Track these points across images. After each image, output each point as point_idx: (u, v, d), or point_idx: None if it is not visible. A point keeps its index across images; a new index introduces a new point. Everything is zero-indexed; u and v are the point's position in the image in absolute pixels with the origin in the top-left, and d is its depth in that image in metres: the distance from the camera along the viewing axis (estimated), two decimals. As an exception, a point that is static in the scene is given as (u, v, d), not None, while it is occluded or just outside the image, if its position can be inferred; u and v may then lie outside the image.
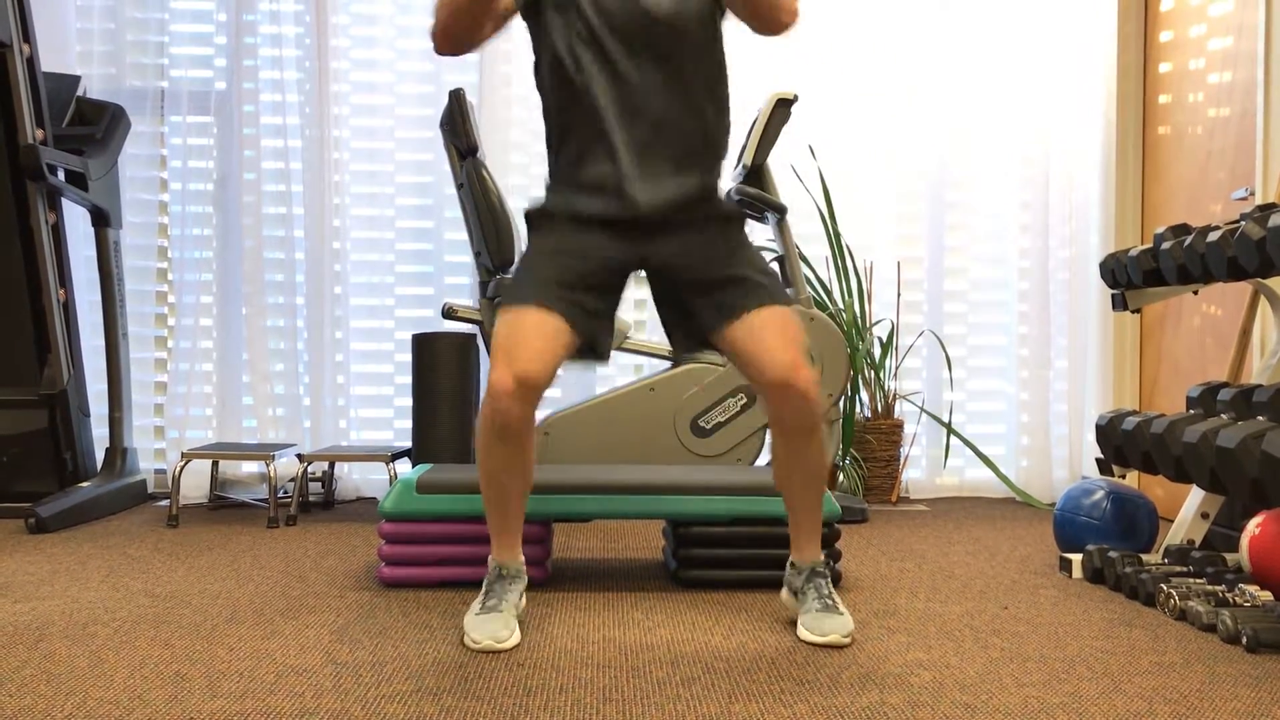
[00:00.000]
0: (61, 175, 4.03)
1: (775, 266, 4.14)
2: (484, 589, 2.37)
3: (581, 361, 2.40)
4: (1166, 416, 2.89)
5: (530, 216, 2.39)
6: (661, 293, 2.42)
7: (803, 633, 2.31)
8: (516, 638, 2.27)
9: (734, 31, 2.52)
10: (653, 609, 2.59)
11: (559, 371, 2.33)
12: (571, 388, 4.56)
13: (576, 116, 2.32)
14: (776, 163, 4.57)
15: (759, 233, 4.59)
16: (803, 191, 4.61)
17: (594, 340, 2.35)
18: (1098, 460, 3.27)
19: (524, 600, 2.43)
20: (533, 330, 2.24)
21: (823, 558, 2.44)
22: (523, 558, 2.43)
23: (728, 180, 4.39)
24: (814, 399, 2.29)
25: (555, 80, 2.35)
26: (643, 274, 2.42)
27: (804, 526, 2.42)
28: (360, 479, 4.54)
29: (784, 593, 2.49)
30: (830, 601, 2.35)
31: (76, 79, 4.35)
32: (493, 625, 2.25)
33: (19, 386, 4.03)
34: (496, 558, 2.38)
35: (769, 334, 2.28)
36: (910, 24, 4.67)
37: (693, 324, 2.38)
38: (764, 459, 4.33)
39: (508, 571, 2.38)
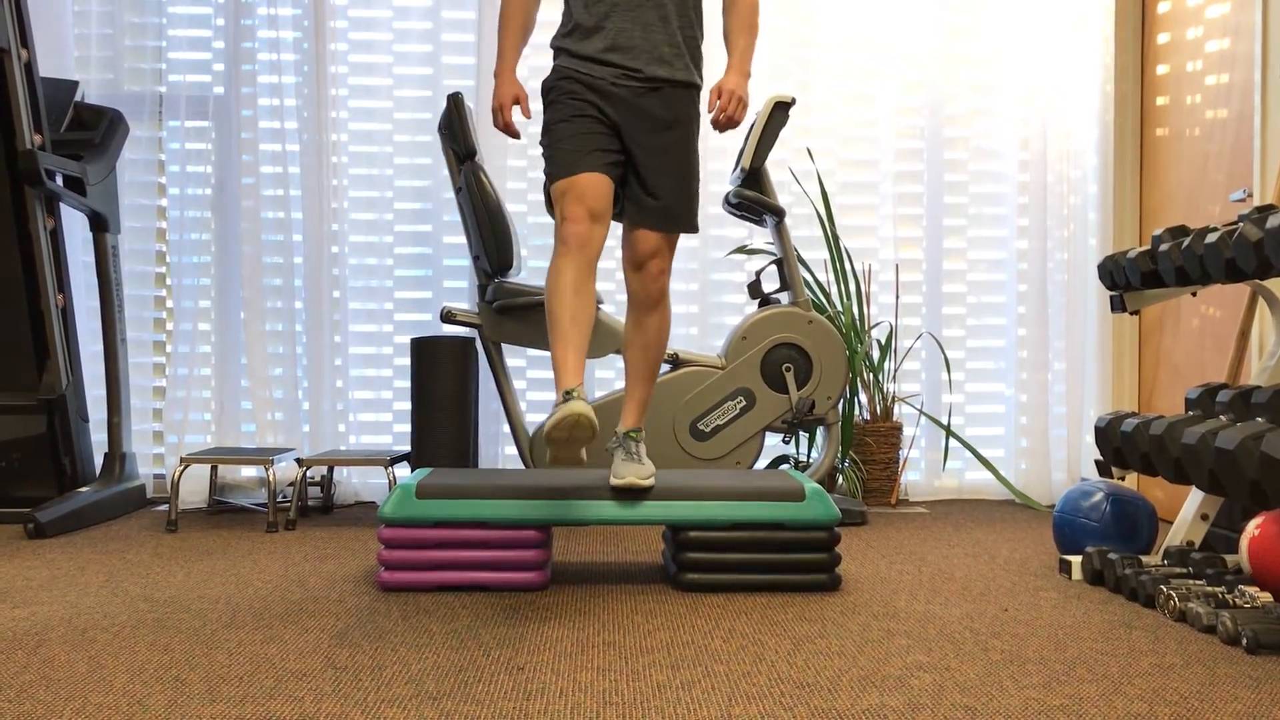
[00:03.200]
0: (60, 180, 4.03)
1: (774, 269, 4.14)
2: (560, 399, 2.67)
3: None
4: (1165, 418, 2.89)
5: (544, 90, 2.91)
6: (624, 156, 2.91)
7: (610, 477, 2.83)
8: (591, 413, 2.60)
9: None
10: (652, 613, 2.59)
11: (611, 206, 2.84)
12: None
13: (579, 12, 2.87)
14: (774, 166, 4.57)
15: (758, 235, 4.59)
16: (801, 194, 4.61)
17: (616, 191, 2.88)
18: (1097, 462, 3.27)
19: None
20: (590, 182, 2.79)
21: (640, 425, 2.93)
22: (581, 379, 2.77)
23: (725, 184, 4.40)
24: (660, 280, 2.89)
25: None
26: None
27: (634, 394, 2.95)
28: (359, 483, 4.54)
29: (611, 442, 2.95)
30: (636, 456, 2.86)
31: (74, 84, 4.34)
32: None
33: (18, 392, 4.03)
34: (568, 381, 2.64)
35: (649, 241, 2.89)
36: (908, 25, 4.68)
37: (624, 195, 2.92)
38: (762, 463, 4.33)
39: (577, 392, 2.62)
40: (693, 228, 2.94)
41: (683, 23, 2.90)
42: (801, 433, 4.30)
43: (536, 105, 3.03)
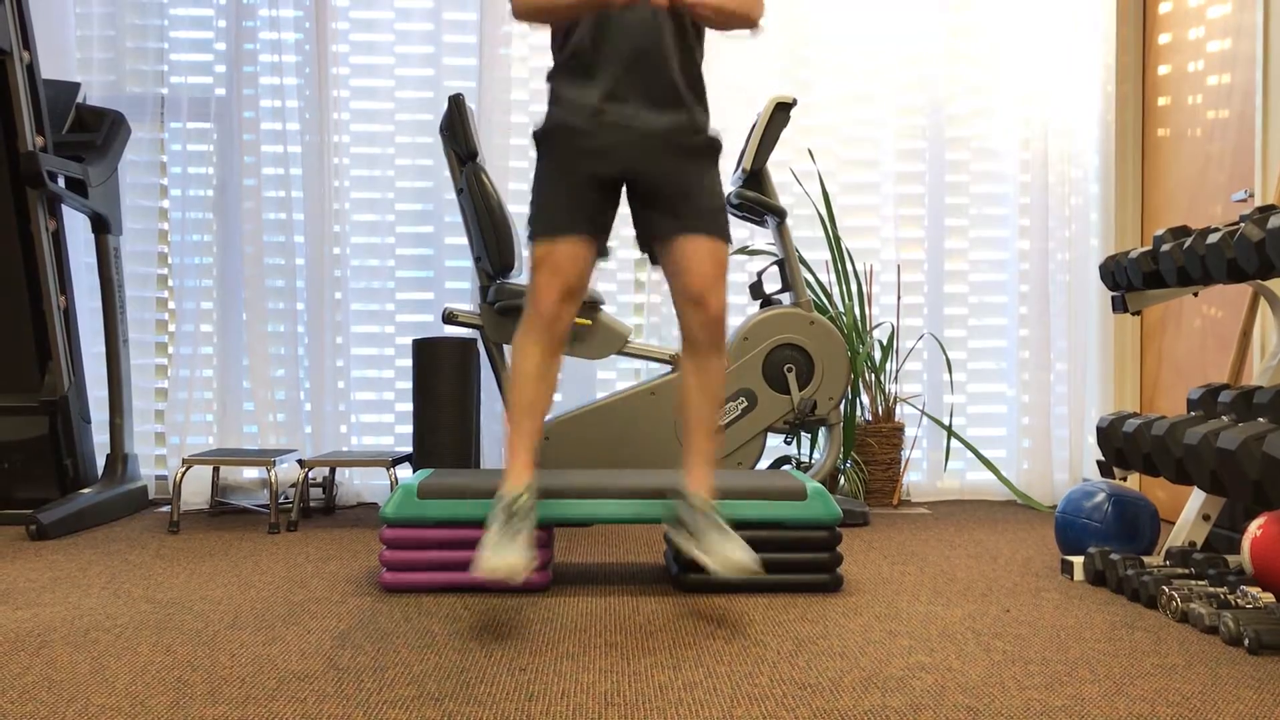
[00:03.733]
0: (62, 182, 4.03)
1: (775, 269, 4.14)
2: (504, 518, 2.48)
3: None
4: (1167, 418, 2.89)
5: (536, 139, 2.69)
6: (634, 200, 2.70)
7: (706, 561, 2.48)
8: (533, 562, 2.41)
9: (733, 37, 2.61)
10: (654, 613, 2.59)
11: (589, 278, 2.65)
12: (572, 392, 4.56)
13: (577, 39, 2.62)
14: (775, 167, 4.57)
15: (759, 236, 4.59)
16: (802, 195, 4.61)
17: (603, 244, 2.69)
18: (1099, 462, 3.27)
19: (534, 518, 2.60)
20: (569, 252, 2.59)
21: (712, 498, 2.62)
22: (530, 476, 2.58)
23: (726, 185, 4.40)
24: (719, 317, 2.60)
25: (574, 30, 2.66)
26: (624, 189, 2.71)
27: (699, 451, 2.65)
28: (361, 484, 4.54)
29: (669, 529, 2.64)
30: (726, 527, 2.54)
31: (76, 86, 4.35)
32: (514, 556, 2.38)
33: (20, 393, 4.04)
34: (519, 480, 2.54)
35: (697, 256, 2.60)
36: (909, 25, 4.68)
37: (648, 229, 2.68)
38: (765, 462, 4.33)
39: (526, 499, 2.53)
40: (730, 237, 2.68)
41: (684, 61, 2.65)
42: (803, 433, 4.29)
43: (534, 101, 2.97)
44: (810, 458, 4.48)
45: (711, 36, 4.58)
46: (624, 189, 2.69)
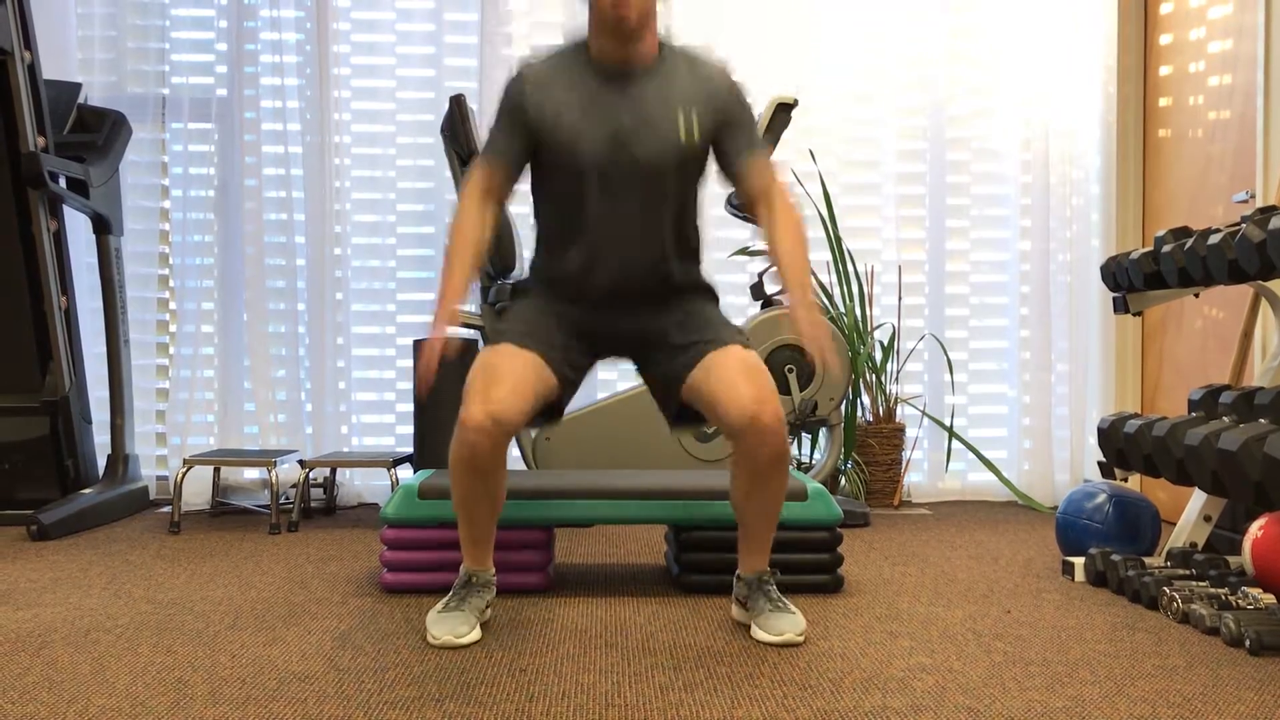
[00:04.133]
0: (63, 182, 4.04)
1: (776, 271, 4.13)
2: (455, 589, 2.43)
3: (540, 420, 2.48)
4: (1168, 419, 2.89)
5: (514, 289, 2.48)
6: (640, 364, 2.52)
7: (757, 634, 2.34)
8: (476, 635, 2.33)
9: (735, 36, 2.56)
10: (655, 614, 2.59)
11: (531, 413, 2.34)
12: (573, 393, 4.55)
13: (562, 234, 2.44)
14: (776, 166, 4.57)
15: (760, 237, 4.59)
16: (803, 195, 4.61)
17: (561, 399, 2.46)
18: (1100, 463, 3.27)
19: (489, 611, 2.47)
20: (510, 368, 2.31)
21: (767, 568, 2.46)
22: (493, 568, 2.47)
23: (728, 186, 4.39)
24: (782, 432, 2.27)
25: (549, 204, 2.48)
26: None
27: (757, 542, 2.43)
28: (362, 485, 4.54)
29: (734, 607, 2.51)
30: (781, 603, 2.38)
31: (77, 86, 4.35)
32: (451, 622, 2.31)
33: (21, 393, 4.04)
34: (466, 565, 2.45)
35: (729, 372, 2.30)
36: (910, 25, 4.67)
37: (665, 384, 2.44)
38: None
39: (477, 580, 2.44)
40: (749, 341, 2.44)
41: (679, 247, 2.45)
42: (804, 434, 4.29)
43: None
44: (811, 458, 4.47)
45: (711, 34, 4.59)
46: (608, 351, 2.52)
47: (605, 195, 2.36)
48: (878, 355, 4.57)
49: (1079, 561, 3.04)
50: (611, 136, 2.34)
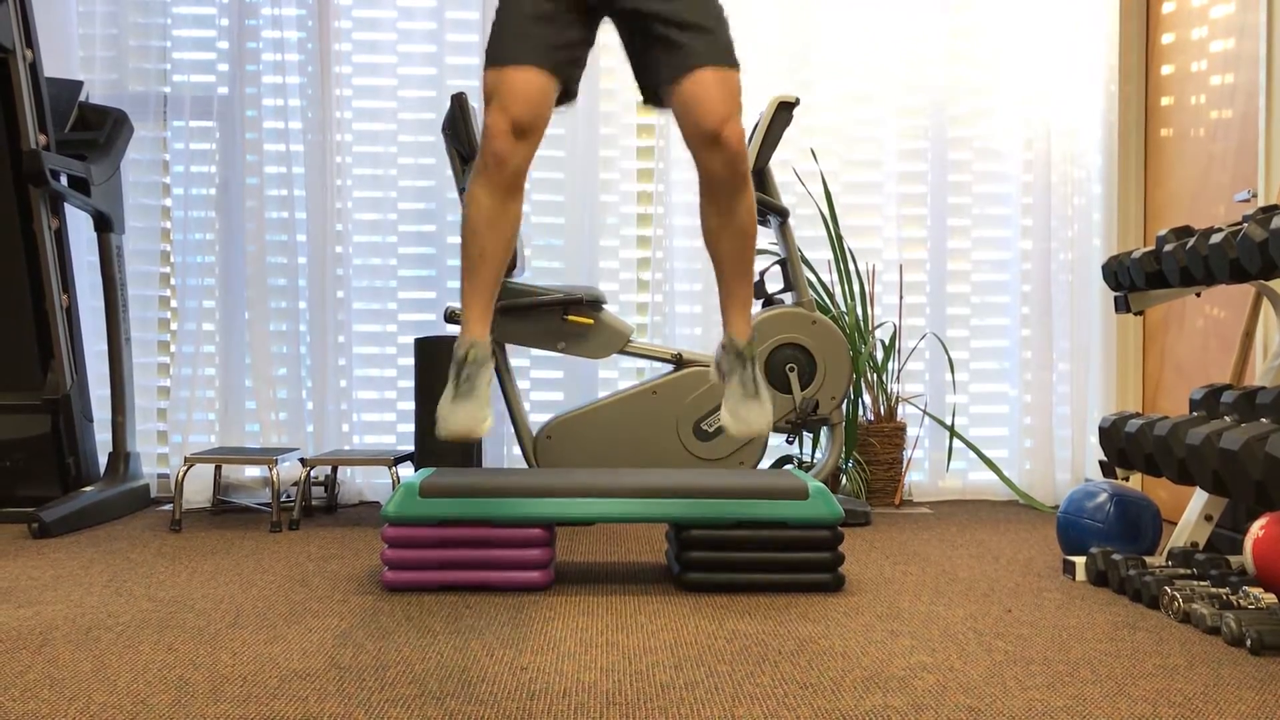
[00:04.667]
0: (64, 180, 4.04)
1: (777, 269, 4.14)
2: (455, 373, 2.34)
3: (557, 105, 2.45)
4: (1170, 419, 2.89)
5: None
6: (628, 38, 2.45)
7: (724, 418, 2.38)
8: (491, 422, 2.29)
9: (736, 35, 2.51)
10: (656, 613, 2.59)
11: (548, 119, 2.36)
12: (574, 391, 4.56)
13: None
14: (778, 166, 4.57)
15: (762, 236, 4.58)
16: (805, 195, 4.61)
17: (570, 82, 2.41)
18: (1101, 463, 3.27)
19: (491, 375, 2.42)
20: (520, 83, 2.31)
21: (750, 338, 2.47)
22: (488, 335, 2.40)
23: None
24: (740, 152, 2.32)
25: None
26: (608, 21, 2.46)
27: (735, 293, 2.46)
28: (363, 483, 4.54)
29: (712, 370, 2.53)
30: (753, 388, 2.40)
31: (79, 84, 4.35)
32: (469, 409, 2.26)
33: (22, 391, 4.04)
34: (469, 334, 2.38)
35: (705, 90, 2.31)
36: (912, 25, 4.67)
37: (648, 75, 2.42)
38: (767, 461, 4.33)
39: (475, 353, 2.35)
40: (738, 62, 2.39)
41: None
42: (805, 433, 4.29)
43: None
44: (812, 457, 4.47)
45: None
46: (607, 20, 2.46)
47: None
48: (879, 354, 4.57)
49: (1080, 561, 3.04)
50: None
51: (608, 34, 2.50)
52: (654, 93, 2.45)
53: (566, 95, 2.44)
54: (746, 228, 2.41)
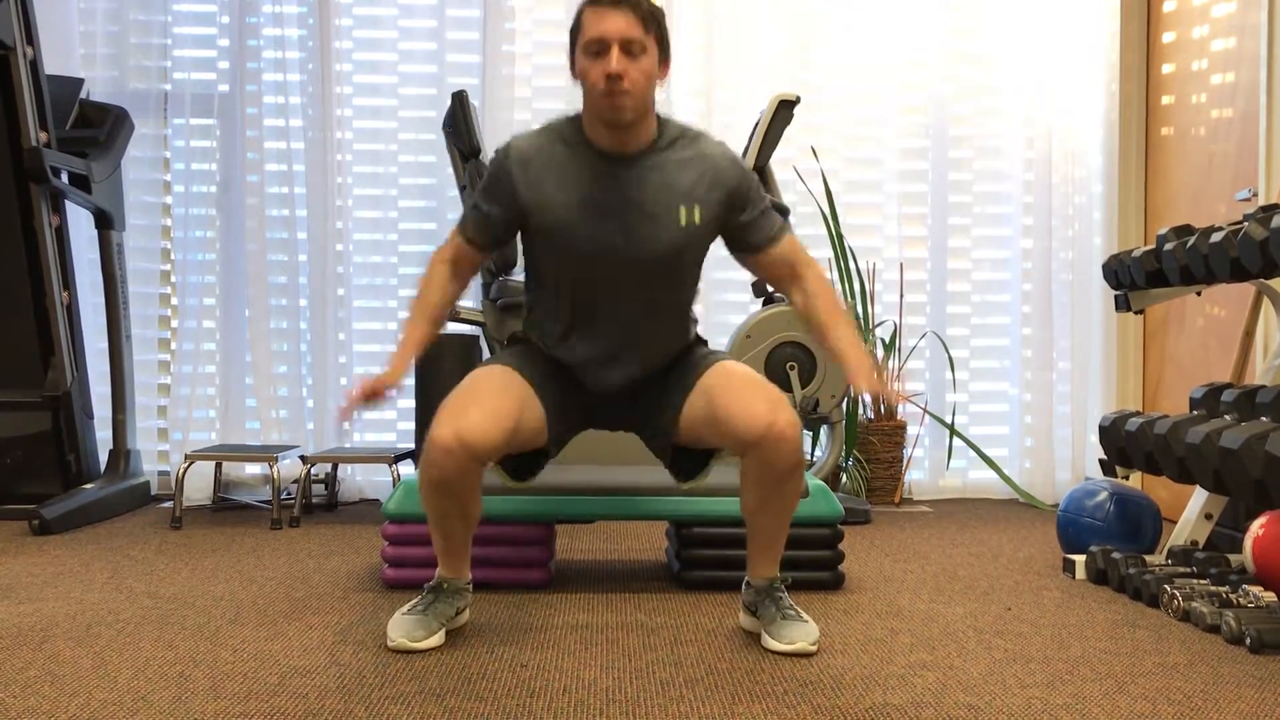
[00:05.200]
0: (65, 178, 4.04)
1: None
2: (422, 594, 2.35)
3: (521, 470, 2.38)
4: (1170, 417, 2.89)
5: (513, 338, 2.46)
6: (639, 424, 2.45)
7: (768, 643, 2.23)
8: (434, 641, 2.23)
9: (738, 33, 2.50)
10: (656, 610, 2.59)
11: (507, 444, 2.18)
12: (574, 389, 4.55)
13: (558, 316, 2.35)
14: (779, 165, 4.57)
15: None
16: (806, 193, 4.61)
17: (545, 440, 2.32)
18: (1101, 461, 3.27)
19: (464, 617, 2.40)
20: (492, 390, 2.20)
21: (778, 575, 2.36)
22: (468, 575, 2.38)
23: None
24: (798, 439, 2.18)
25: (542, 285, 2.39)
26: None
27: (767, 549, 2.34)
28: (363, 480, 4.54)
29: (742, 615, 2.41)
30: (791, 611, 2.27)
31: (80, 82, 4.35)
32: (408, 625, 2.23)
33: (23, 389, 4.04)
34: (439, 572, 2.36)
35: (733, 386, 2.22)
36: (913, 24, 4.67)
37: (662, 428, 2.36)
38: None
39: (448, 587, 2.34)
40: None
41: (672, 334, 2.40)
42: (806, 431, 4.29)
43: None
44: (812, 455, 4.47)
45: (713, 32, 4.59)
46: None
47: (606, 288, 2.28)
48: (879, 353, 4.57)
49: (1080, 559, 3.04)
50: (610, 231, 2.23)
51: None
52: (679, 448, 2.40)
53: (533, 462, 2.37)
54: (792, 500, 2.26)
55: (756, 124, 3.97)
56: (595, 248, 2.24)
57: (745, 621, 2.39)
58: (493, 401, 2.17)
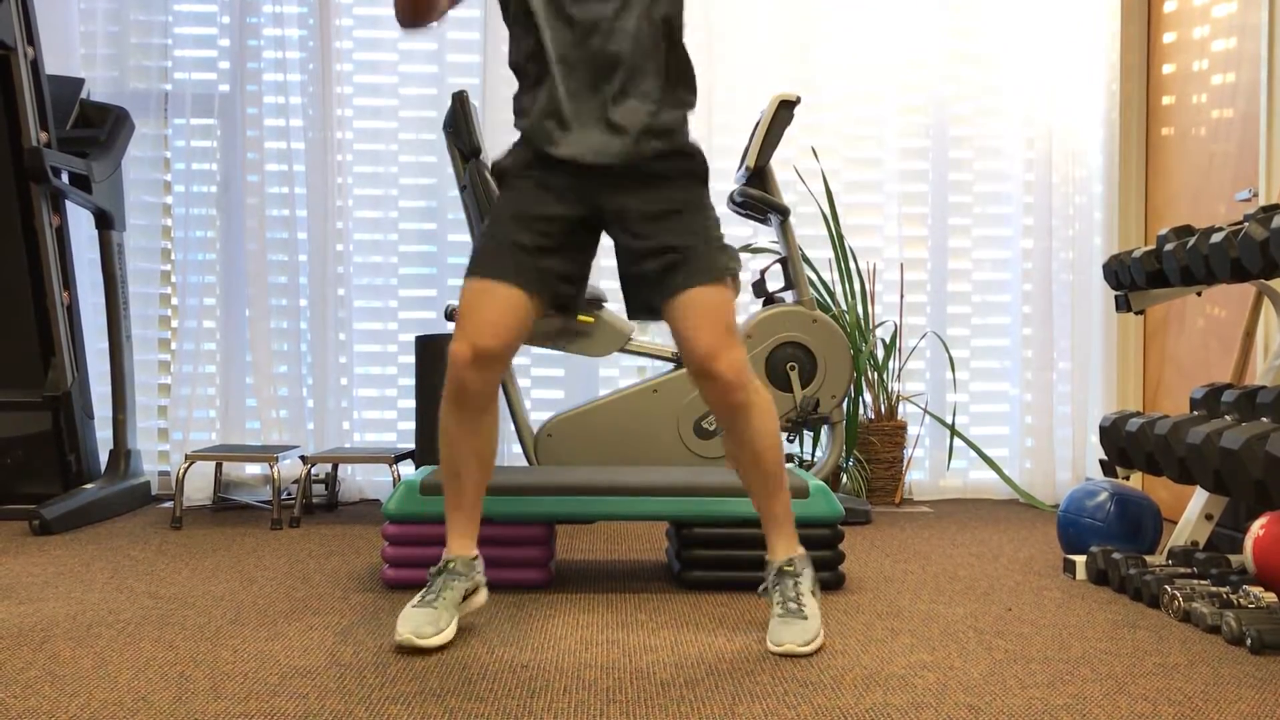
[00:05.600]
0: (65, 178, 4.04)
1: (778, 267, 4.14)
2: (429, 580, 2.34)
3: (554, 319, 2.40)
4: (1170, 418, 2.89)
5: (496, 173, 2.41)
6: (619, 254, 2.41)
7: (768, 643, 2.25)
8: (445, 636, 2.23)
9: (738, 33, 2.50)
10: (656, 611, 2.59)
11: (519, 342, 2.32)
12: (574, 389, 4.56)
13: (528, 62, 2.32)
14: (779, 164, 4.57)
15: (763, 234, 4.59)
16: (806, 193, 4.61)
17: (560, 300, 2.38)
18: (1101, 462, 3.27)
19: (479, 598, 2.37)
20: (491, 303, 2.27)
21: (791, 554, 2.37)
22: (476, 553, 2.37)
23: (729, 183, 4.39)
24: (734, 382, 2.25)
25: (512, 23, 2.36)
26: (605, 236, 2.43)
27: (765, 515, 2.39)
28: (364, 480, 4.54)
29: (761, 589, 2.43)
30: (794, 605, 2.28)
31: (80, 82, 4.35)
32: (417, 620, 2.21)
33: (23, 389, 4.04)
34: (450, 550, 2.36)
35: (695, 316, 2.27)
36: (913, 24, 4.67)
37: (641, 294, 2.39)
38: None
39: (454, 565, 2.33)
40: (731, 273, 2.32)
41: (646, 86, 2.30)
42: (806, 431, 4.29)
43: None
44: (813, 456, 4.48)
45: (713, 32, 4.59)
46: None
47: (553, 15, 2.26)
48: (880, 353, 4.57)
49: (1080, 560, 3.04)
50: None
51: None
52: (642, 312, 2.42)
53: (563, 310, 2.40)
54: (760, 452, 2.33)
55: (757, 124, 3.97)
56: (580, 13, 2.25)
57: (761, 593, 2.42)
58: (492, 314, 2.27)
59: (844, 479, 4.39)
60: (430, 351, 3.95)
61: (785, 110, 3.92)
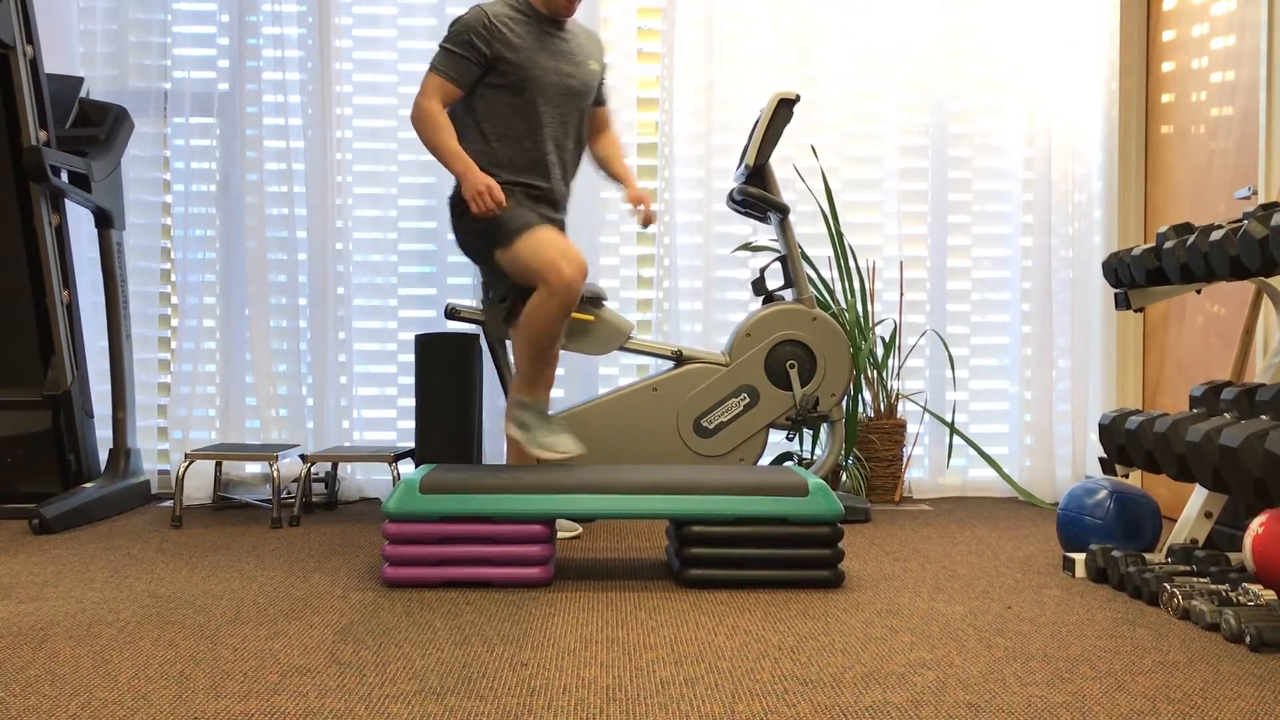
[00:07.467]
0: (65, 177, 4.04)
1: (778, 266, 4.13)
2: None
3: None
4: (1170, 415, 2.89)
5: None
6: None
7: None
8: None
9: (738, 32, 2.51)
10: (656, 609, 2.59)
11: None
12: (574, 388, 4.56)
13: (524, 140, 3.32)
14: (779, 163, 4.57)
15: (763, 232, 4.59)
16: (805, 191, 4.61)
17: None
18: (1101, 459, 3.27)
19: None
20: (560, 236, 3.23)
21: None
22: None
23: (729, 181, 4.39)
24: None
25: (509, 111, 3.31)
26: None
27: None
28: (364, 479, 4.55)
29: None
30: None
31: (80, 80, 4.35)
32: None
33: (23, 388, 4.04)
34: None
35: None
36: (913, 22, 4.67)
37: None
38: (767, 458, 4.33)
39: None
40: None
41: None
42: (805, 430, 4.30)
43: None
44: (812, 454, 4.48)
45: (713, 29, 4.58)
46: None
47: (551, 109, 3.32)
48: (879, 351, 4.57)
49: (1080, 557, 3.04)
50: (559, 68, 3.33)
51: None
52: None
53: None
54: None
55: (756, 122, 3.96)
56: (552, 80, 3.31)
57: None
58: (564, 241, 3.23)
59: (844, 477, 4.39)
60: (430, 350, 3.95)
61: (785, 108, 3.92)
